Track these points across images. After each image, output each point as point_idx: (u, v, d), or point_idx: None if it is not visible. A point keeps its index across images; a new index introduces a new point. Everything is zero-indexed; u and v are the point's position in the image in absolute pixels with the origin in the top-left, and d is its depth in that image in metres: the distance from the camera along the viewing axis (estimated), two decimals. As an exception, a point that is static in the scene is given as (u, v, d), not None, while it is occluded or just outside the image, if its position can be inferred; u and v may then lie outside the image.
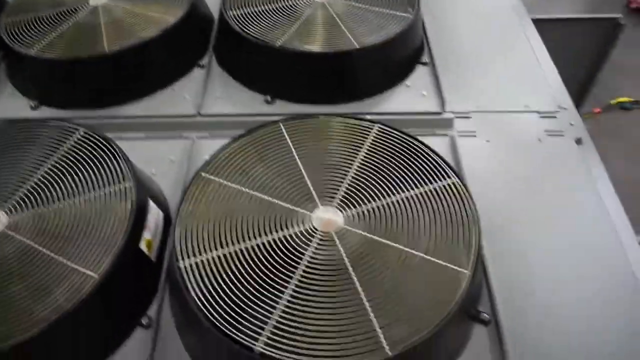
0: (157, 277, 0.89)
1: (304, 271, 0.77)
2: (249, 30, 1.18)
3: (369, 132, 0.97)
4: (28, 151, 0.96)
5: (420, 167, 0.91)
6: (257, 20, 1.21)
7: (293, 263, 0.78)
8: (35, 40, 1.19)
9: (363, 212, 0.85)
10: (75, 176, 0.91)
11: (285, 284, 0.76)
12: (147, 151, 1.08)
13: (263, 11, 1.24)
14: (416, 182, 0.89)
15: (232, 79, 1.23)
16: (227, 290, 0.75)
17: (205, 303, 0.74)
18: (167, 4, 1.26)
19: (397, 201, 0.86)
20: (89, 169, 0.92)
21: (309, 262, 0.78)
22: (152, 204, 0.91)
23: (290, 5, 1.25)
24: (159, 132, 1.13)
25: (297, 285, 0.76)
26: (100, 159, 0.93)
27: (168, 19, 1.21)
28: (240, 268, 0.78)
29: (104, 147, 0.94)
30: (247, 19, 1.21)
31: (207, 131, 1.13)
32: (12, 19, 1.25)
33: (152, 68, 1.20)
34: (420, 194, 0.87)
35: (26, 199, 0.88)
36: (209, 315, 0.73)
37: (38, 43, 1.18)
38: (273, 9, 1.24)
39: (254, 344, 0.70)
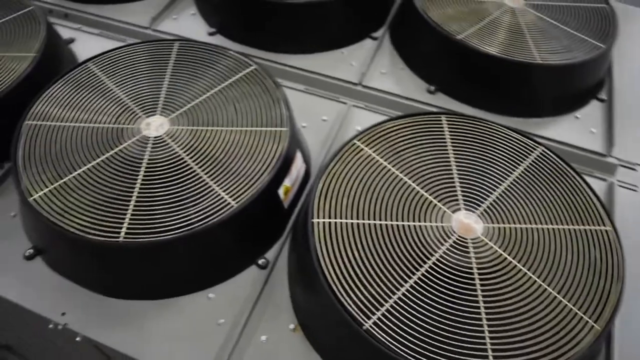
0: (284, 224, 0.91)
1: (430, 267, 0.76)
2: (431, 15, 1.15)
3: (531, 152, 0.92)
4: (200, 69, 1.01)
5: (577, 204, 0.86)
6: (442, 9, 1.18)
7: (423, 257, 0.77)
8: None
9: (504, 229, 0.82)
10: (235, 106, 0.94)
11: (410, 275, 0.75)
12: (303, 104, 1.10)
13: (454, 1, 1.21)
14: (568, 218, 0.84)
15: (401, 59, 1.22)
16: (352, 260, 0.75)
17: (328, 265, 0.74)
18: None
19: (542, 230, 0.82)
20: (251, 102, 0.95)
21: (437, 260, 0.77)
22: (298, 155, 0.93)
23: (479, 5, 1.21)
24: (319, 89, 1.15)
25: (419, 279, 0.75)
26: (263, 97, 0.96)
27: (357, -16, 1.22)
28: (370, 243, 0.78)
29: (268, 87, 0.97)
30: (432, 3, 1.19)
31: (363, 102, 1.13)
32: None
33: (329, 26, 1.21)
34: (569, 230, 0.82)
35: (188, 116, 0.93)
36: (328, 277, 0.73)
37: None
38: (461, 2, 1.21)
39: (365, 321, 0.70)
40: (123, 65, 1.02)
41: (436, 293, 0.74)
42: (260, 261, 0.87)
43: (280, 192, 0.87)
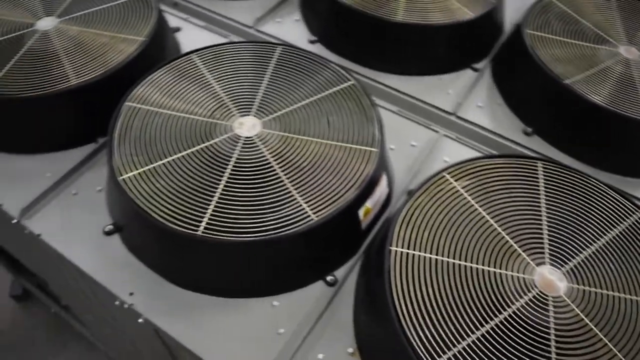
0: (358, 245, 0.89)
1: (505, 318, 0.72)
2: (539, 54, 1.11)
3: (630, 215, 0.87)
4: (299, 77, 1.01)
5: None
6: (552, 49, 1.14)
7: (499, 306, 0.74)
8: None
9: (590, 293, 0.77)
10: (328, 119, 0.94)
11: (484, 322, 0.72)
12: (394, 126, 1.09)
13: (566, 43, 1.16)
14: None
15: (500, 94, 1.18)
16: (426, 296, 0.73)
17: (400, 297, 0.72)
18: (473, 1, 1.24)
19: (631, 301, 0.77)
20: (345, 117, 0.94)
21: (514, 312, 0.73)
22: (384, 177, 0.91)
23: (592, 51, 1.16)
24: (412, 113, 1.13)
25: (492, 328, 0.71)
26: (357, 114, 0.95)
27: (467, 13, 1.19)
28: (446, 282, 0.75)
29: (364, 105, 0.96)
30: (544, 44, 1.14)
31: (455, 133, 1.10)
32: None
33: (432, 51, 1.19)
34: None
35: (280, 122, 0.93)
36: (398, 309, 0.71)
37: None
38: (576, 43, 1.16)
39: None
40: (225, 61, 1.03)
41: (508, 347, 0.70)
42: (329, 278, 0.86)
43: (361, 212, 0.86)
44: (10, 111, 1.02)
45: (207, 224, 0.79)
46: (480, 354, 0.69)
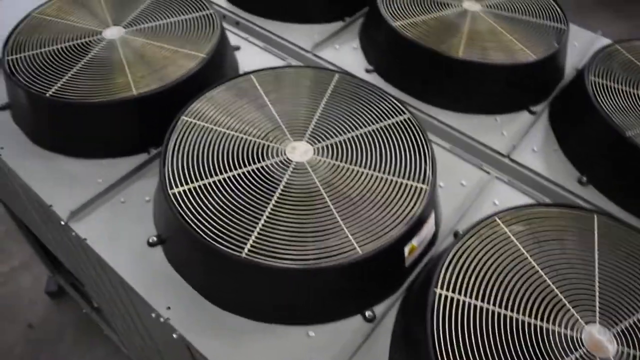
0: (400, 282, 0.88)
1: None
2: (602, 103, 1.08)
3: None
4: (354, 106, 1.01)
5: None
6: (614, 99, 1.10)
7: (546, 363, 0.71)
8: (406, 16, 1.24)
9: (643, 360, 0.73)
10: (381, 151, 0.93)
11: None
12: (445, 163, 1.07)
13: (629, 93, 1.12)
14: None
15: (556, 140, 1.15)
16: (468, 344, 0.70)
17: (442, 343, 0.70)
18: (537, 41, 1.22)
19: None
20: (398, 151, 0.93)
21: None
22: (432, 215, 0.89)
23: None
24: (464, 151, 1.11)
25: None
26: (411, 148, 0.94)
27: (529, 55, 1.17)
28: (490, 331, 0.72)
29: (419, 140, 0.95)
30: (606, 92, 1.11)
31: (508, 176, 1.07)
32: None
33: (490, 90, 1.17)
34: None
35: (332, 150, 0.93)
36: (439, 355, 0.69)
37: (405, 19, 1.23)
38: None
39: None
40: (283, 84, 1.04)
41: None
42: (368, 313, 0.84)
43: (406, 249, 0.84)
44: (69, 115, 1.05)
45: (252, 246, 0.79)
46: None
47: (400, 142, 0.94)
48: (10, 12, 1.38)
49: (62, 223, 0.98)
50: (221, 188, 0.86)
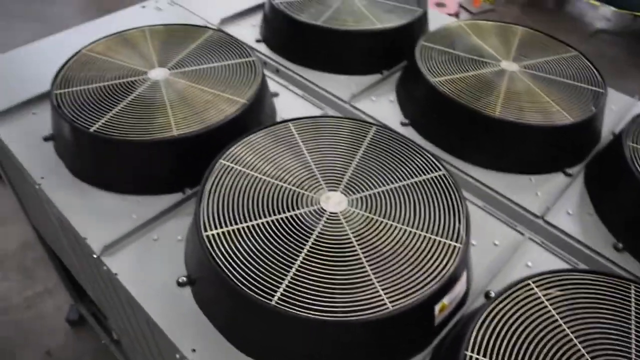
0: (428, 341, 0.86)
1: None
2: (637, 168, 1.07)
3: None
4: (390, 159, 1.02)
5: None
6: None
7: None
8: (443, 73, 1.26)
9: None
10: (415, 206, 0.93)
11: None
12: (478, 221, 1.06)
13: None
14: None
15: (592, 204, 1.13)
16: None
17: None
18: (574, 103, 1.22)
19: None
20: (432, 207, 0.93)
21: None
22: (464, 275, 0.88)
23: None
24: (497, 210, 1.10)
25: None
26: (445, 205, 0.93)
27: (565, 117, 1.17)
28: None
29: (453, 197, 0.95)
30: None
31: (541, 238, 1.06)
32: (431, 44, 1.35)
33: (526, 150, 1.17)
34: None
35: (366, 202, 0.93)
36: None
37: (443, 75, 1.25)
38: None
39: None
40: (320, 134, 1.06)
41: None
42: (392, 371, 0.83)
43: (437, 308, 0.83)
44: (110, 151, 1.08)
45: (282, 294, 0.79)
46: None
47: (434, 198, 0.94)
48: (58, 48, 1.45)
49: (95, 256, 0.99)
50: (255, 234, 0.87)
